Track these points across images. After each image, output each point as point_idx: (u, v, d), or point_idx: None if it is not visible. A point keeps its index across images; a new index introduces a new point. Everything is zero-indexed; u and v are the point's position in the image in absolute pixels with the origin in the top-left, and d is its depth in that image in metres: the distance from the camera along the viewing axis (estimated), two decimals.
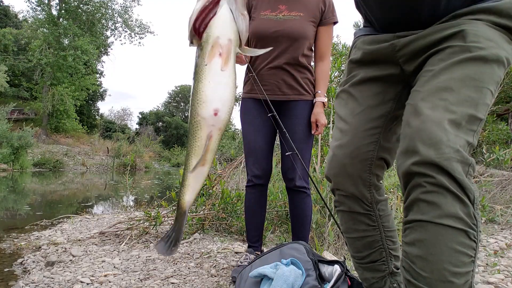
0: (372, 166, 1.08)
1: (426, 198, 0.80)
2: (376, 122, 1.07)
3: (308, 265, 1.54)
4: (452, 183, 0.79)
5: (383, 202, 1.14)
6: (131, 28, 27.88)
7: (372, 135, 1.07)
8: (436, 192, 0.79)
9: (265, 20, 1.95)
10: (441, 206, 0.78)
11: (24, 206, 5.76)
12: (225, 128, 0.96)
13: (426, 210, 0.80)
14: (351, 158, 1.07)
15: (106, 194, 8.08)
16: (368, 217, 1.12)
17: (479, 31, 0.87)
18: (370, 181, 1.09)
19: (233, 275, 1.87)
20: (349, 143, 1.08)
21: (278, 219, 3.10)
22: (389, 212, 1.16)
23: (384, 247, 1.12)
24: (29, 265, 2.36)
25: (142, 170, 19.29)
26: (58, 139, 24.41)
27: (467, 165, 0.81)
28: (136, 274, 2.01)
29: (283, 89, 1.97)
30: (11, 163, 14.63)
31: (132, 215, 3.63)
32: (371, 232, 1.12)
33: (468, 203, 0.80)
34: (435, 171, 0.79)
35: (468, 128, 0.83)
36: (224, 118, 0.93)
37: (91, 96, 32.62)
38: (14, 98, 25.57)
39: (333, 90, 3.68)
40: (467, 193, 0.80)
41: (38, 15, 24.96)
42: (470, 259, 0.79)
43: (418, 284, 0.79)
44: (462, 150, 0.80)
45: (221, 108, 0.92)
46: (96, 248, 2.61)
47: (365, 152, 1.07)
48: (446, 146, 0.80)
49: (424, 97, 0.88)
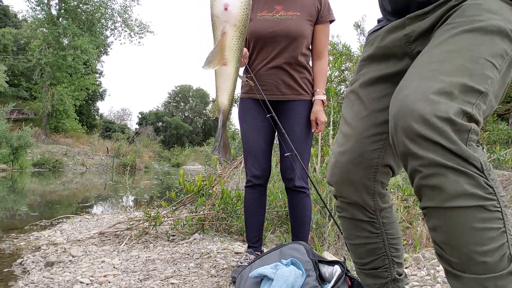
0: (377, 174, 1.02)
1: (427, 183, 0.72)
2: (381, 127, 1.01)
3: (308, 265, 1.53)
4: (448, 156, 0.70)
5: (387, 209, 1.09)
6: (130, 28, 27.86)
7: (377, 141, 1.01)
8: (434, 174, 0.71)
9: (262, 20, 1.96)
10: (445, 188, 0.70)
11: (24, 206, 5.76)
12: (243, 26, 0.96)
13: (432, 195, 0.73)
14: (354, 165, 1.02)
15: (105, 194, 8.08)
16: (371, 225, 1.07)
17: (483, 4, 0.81)
18: (374, 189, 1.04)
19: (233, 275, 1.86)
20: (353, 149, 1.02)
21: (278, 219, 3.10)
22: (393, 219, 1.10)
23: (387, 254, 1.08)
24: (29, 266, 2.35)
25: (142, 170, 19.29)
26: (57, 139, 24.39)
27: (464, 132, 0.71)
28: (136, 274, 2.01)
29: (282, 89, 1.97)
30: (10, 163, 14.62)
31: (131, 215, 3.62)
32: (374, 240, 1.07)
33: (474, 174, 0.70)
34: (425, 148, 0.71)
35: (464, 99, 0.73)
36: (236, 12, 0.94)
37: (90, 96, 32.60)
38: (14, 98, 25.55)
39: (332, 90, 3.68)
40: (470, 162, 0.70)
41: (37, 15, 24.93)
42: (498, 231, 0.70)
43: (454, 271, 0.73)
44: (454, 117, 0.70)
45: (231, 2, 0.94)
46: (96, 248, 2.61)
47: (369, 159, 1.01)
48: (431, 116, 0.71)
49: (412, 71, 0.82)
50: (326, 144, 3.63)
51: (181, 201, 3.36)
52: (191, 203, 3.42)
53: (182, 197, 3.34)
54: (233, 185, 4.21)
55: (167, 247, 2.59)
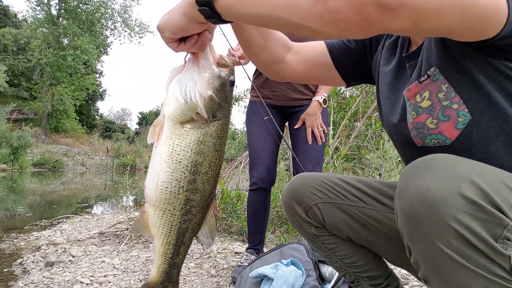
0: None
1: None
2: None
3: (309, 265, 1.53)
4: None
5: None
6: (130, 28, 27.88)
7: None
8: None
9: None
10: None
11: (24, 206, 5.76)
12: (163, 206, 0.81)
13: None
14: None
15: (105, 194, 8.08)
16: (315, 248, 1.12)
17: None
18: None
19: (233, 275, 1.86)
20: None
21: (278, 219, 3.10)
22: (338, 242, 1.08)
23: (348, 271, 1.08)
24: (29, 266, 2.35)
25: (142, 170, 19.27)
26: (57, 139, 24.40)
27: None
28: (136, 274, 2.01)
29: (292, 94, 2.00)
30: (10, 163, 14.63)
31: (131, 215, 3.62)
32: (331, 259, 1.09)
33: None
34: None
35: None
36: (150, 194, 0.81)
37: (90, 96, 32.61)
38: (14, 98, 25.57)
39: (332, 89, 3.68)
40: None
41: (37, 15, 24.97)
42: None
43: None
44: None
45: (147, 184, 0.83)
46: (96, 248, 2.61)
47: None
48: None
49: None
50: (327, 144, 3.62)
51: None
52: None
53: None
54: (233, 185, 4.21)
55: None
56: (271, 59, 0.99)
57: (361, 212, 1.00)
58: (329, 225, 1.05)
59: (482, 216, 0.56)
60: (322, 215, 1.04)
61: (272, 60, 1.00)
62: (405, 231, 0.63)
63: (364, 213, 1.00)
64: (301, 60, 1.02)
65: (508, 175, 0.63)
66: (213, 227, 0.86)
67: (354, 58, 1.02)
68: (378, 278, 1.09)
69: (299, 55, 1.02)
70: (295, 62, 1.01)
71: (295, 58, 1.01)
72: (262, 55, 0.99)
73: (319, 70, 1.03)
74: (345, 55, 1.01)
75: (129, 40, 37.86)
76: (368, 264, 1.08)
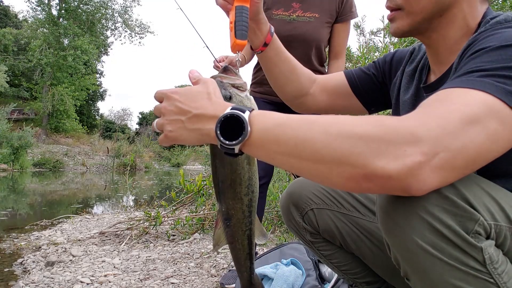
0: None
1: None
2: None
3: (308, 265, 1.54)
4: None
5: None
6: (131, 28, 27.87)
7: None
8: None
9: (278, 20, 1.83)
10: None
11: (24, 206, 5.76)
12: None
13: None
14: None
15: (106, 194, 8.08)
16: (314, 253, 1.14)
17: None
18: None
19: (222, 281, 1.79)
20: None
21: (278, 219, 3.10)
22: (333, 249, 1.09)
23: (347, 277, 1.10)
24: (29, 265, 2.36)
25: (142, 170, 19.28)
26: (58, 139, 24.40)
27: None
28: (136, 274, 2.01)
29: None
30: (11, 163, 14.63)
31: (132, 215, 3.63)
32: (326, 266, 1.13)
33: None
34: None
35: None
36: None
37: (91, 96, 32.62)
38: (14, 98, 25.58)
39: None
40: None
41: (38, 15, 24.99)
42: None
43: None
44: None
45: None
46: (96, 248, 2.61)
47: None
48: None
49: None
50: None
51: (181, 201, 3.37)
52: (191, 203, 3.42)
53: (182, 197, 3.35)
54: None
55: (167, 247, 2.59)
56: (298, 92, 1.01)
57: (355, 222, 1.01)
58: (322, 231, 1.05)
59: (454, 210, 0.58)
60: (316, 220, 1.04)
61: (298, 93, 1.01)
62: (383, 227, 0.65)
63: (357, 223, 1.01)
64: (323, 91, 1.03)
65: (484, 180, 0.64)
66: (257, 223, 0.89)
67: (373, 85, 1.03)
68: (376, 283, 1.10)
69: (322, 85, 1.03)
70: (318, 93, 1.03)
71: (318, 89, 1.03)
72: (289, 88, 1.00)
73: (340, 99, 1.04)
74: (363, 82, 1.03)
75: (129, 40, 37.75)
76: (364, 271, 1.08)
